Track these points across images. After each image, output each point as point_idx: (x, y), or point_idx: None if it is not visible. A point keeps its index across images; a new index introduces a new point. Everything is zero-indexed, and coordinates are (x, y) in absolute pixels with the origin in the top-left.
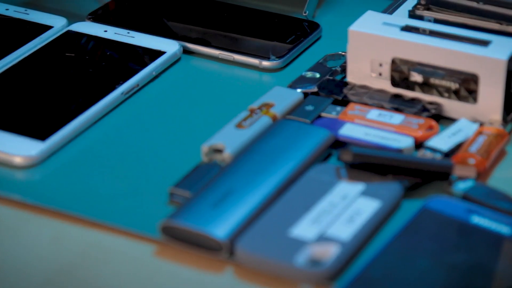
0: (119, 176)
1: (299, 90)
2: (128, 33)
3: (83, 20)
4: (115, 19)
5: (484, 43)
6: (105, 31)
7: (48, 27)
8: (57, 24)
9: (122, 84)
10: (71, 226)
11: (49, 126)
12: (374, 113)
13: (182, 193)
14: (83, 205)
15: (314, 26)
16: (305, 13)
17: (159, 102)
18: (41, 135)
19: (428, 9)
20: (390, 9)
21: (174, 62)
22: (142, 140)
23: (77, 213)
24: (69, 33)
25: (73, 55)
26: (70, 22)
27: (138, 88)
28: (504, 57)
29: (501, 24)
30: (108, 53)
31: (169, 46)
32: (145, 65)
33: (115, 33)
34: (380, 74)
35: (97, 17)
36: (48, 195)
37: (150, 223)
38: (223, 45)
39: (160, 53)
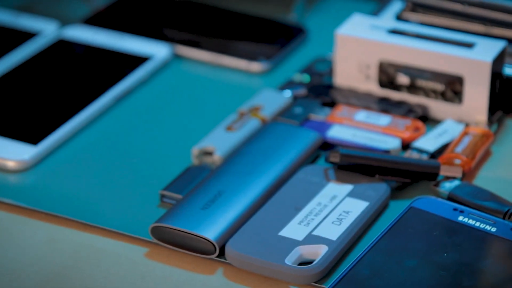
0: (111, 179)
1: (287, 93)
2: (119, 37)
3: (75, 24)
4: (106, 23)
5: (469, 45)
6: (96, 35)
7: (39, 32)
8: (48, 28)
9: (113, 88)
10: (64, 229)
11: (41, 131)
12: (361, 115)
13: (173, 196)
14: (75, 208)
15: (301, 29)
16: (292, 16)
17: (150, 106)
18: (33, 140)
19: (414, 12)
20: (376, 12)
21: (164, 66)
22: (133, 143)
23: (69, 216)
24: (61, 38)
25: (64, 59)
26: (62, 26)
27: (129, 92)
28: (489, 59)
29: (485, 26)
30: (98, 57)
31: (159, 50)
32: (135, 68)
33: (106, 37)
34: (367, 77)
35: (88, 21)
36: (41, 198)
37: (142, 225)
38: (212, 48)
39: (150, 57)
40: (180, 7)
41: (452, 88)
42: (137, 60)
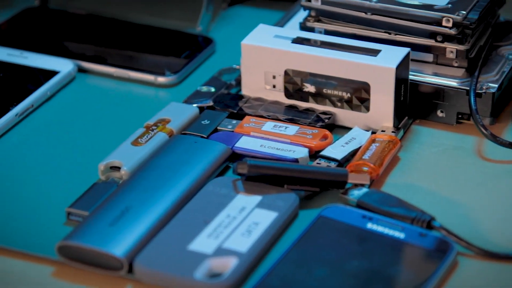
0: (16, 198)
1: (194, 105)
2: (21, 53)
3: None
4: (7, 39)
5: (374, 52)
6: None
7: None
8: None
9: (16, 105)
10: None
11: None
12: (269, 125)
13: (79, 213)
14: None
15: (208, 41)
16: (198, 28)
17: (54, 122)
18: None
19: (319, 20)
20: (281, 22)
21: (69, 81)
22: (38, 161)
23: None
24: None
25: None
26: None
27: (33, 109)
28: (393, 65)
29: (389, 33)
30: (0, 75)
31: (63, 66)
32: (39, 85)
33: (8, 54)
34: (274, 86)
35: None
36: None
37: (48, 244)
38: (118, 62)
39: (54, 73)
40: (84, 22)
41: (358, 95)
42: (41, 76)
